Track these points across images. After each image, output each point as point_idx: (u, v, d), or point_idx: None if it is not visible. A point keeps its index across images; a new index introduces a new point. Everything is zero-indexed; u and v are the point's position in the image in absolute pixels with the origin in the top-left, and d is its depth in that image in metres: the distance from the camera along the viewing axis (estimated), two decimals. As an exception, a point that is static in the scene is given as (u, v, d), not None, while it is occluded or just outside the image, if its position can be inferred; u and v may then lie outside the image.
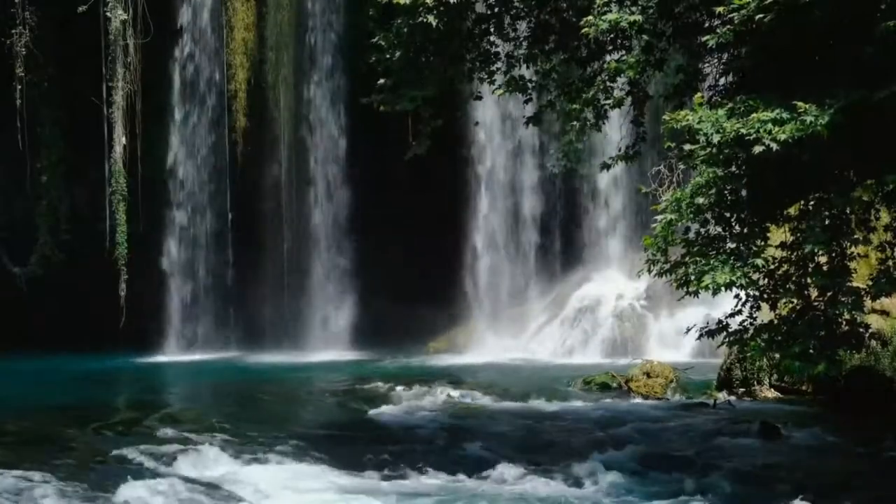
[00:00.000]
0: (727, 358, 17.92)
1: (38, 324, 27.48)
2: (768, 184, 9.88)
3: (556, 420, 16.12)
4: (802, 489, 11.20)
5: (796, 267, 10.26)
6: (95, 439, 14.32)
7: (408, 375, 21.61)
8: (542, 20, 12.98)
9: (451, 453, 13.86)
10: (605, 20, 10.72)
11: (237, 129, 29.31)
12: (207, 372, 25.37)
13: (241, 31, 29.23)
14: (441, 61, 12.72)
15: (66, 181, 29.88)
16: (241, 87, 29.29)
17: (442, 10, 11.93)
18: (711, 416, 16.13)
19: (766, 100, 9.31)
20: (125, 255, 28.30)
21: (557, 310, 27.45)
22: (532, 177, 29.00)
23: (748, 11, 9.43)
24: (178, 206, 29.78)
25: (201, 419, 16.06)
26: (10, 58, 28.06)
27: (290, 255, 29.53)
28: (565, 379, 20.25)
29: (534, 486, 12.00)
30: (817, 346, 9.88)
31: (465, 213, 28.59)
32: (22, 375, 23.54)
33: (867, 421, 15.09)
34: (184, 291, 29.74)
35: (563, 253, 28.94)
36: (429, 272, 27.47)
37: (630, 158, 12.53)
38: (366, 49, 13.02)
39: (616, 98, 11.88)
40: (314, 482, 12.27)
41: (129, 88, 28.20)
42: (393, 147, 19.68)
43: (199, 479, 12.19)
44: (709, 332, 10.87)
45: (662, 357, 21.90)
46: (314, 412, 18.07)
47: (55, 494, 11.13)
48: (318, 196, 29.36)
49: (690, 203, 9.82)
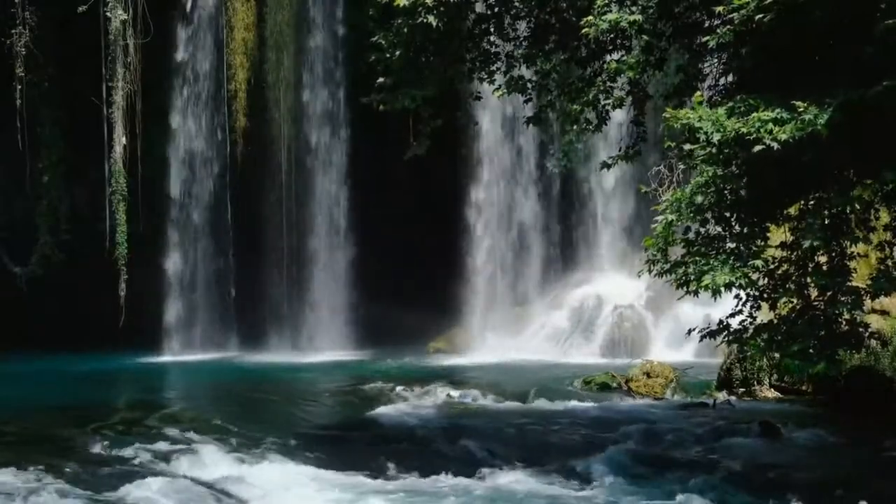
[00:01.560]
0: (727, 358, 17.92)
1: (38, 324, 27.45)
2: (768, 183, 9.88)
3: (556, 420, 16.11)
4: (802, 489, 11.21)
5: (796, 267, 10.25)
6: (95, 439, 14.29)
7: (408, 375, 21.61)
8: (542, 20, 12.98)
9: (450, 453, 13.87)
10: (605, 20, 10.72)
11: (237, 129, 29.30)
12: (207, 372, 25.36)
13: (241, 31, 29.22)
14: (441, 61, 12.73)
15: (66, 181, 29.86)
16: (241, 87, 29.28)
17: (442, 10, 11.94)
18: (711, 416, 16.12)
19: (766, 99, 9.31)
20: (125, 255, 28.28)
21: (557, 310, 27.44)
22: (532, 177, 29.00)
23: (748, 11, 9.44)
24: (178, 207, 29.78)
25: (201, 419, 16.05)
26: (10, 58, 28.03)
27: (290, 255, 29.52)
28: (565, 379, 20.24)
29: (534, 486, 12.01)
30: (817, 345, 9.88)
31: (465, 213, 28.59)
32: (22, 375, 23.54)
33: (867, 421, 15.09)
34: (184, 292, 29.73)
35: (563, 253, 28.94)
36: (429, 272, 27.46)
37: (630, 158, 12.53)
38: (366, 49, 13.02)
39: (616, 98, 11.89)
40: (314, 482, 12.27)
41: (129, 88, 28.18)
42: (393, 147, 19.68)
43: (199, 479, 12.19)
44: (710, 332, 10.87)
45: (662, 357, 21.90)
46: (314, 412, 18.05)
47: (55, 494, 11.12)
48: (317, 196, 29.35)
49: (690, 203, 9.82)
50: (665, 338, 25.04)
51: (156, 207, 29.28)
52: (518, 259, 28.99)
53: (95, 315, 27.22)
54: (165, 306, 29.46)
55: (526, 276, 28.84)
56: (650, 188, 13.48)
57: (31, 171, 29.10)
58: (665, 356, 22.28)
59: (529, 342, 26.83)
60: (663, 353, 23.54)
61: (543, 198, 29.04)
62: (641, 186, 12.83)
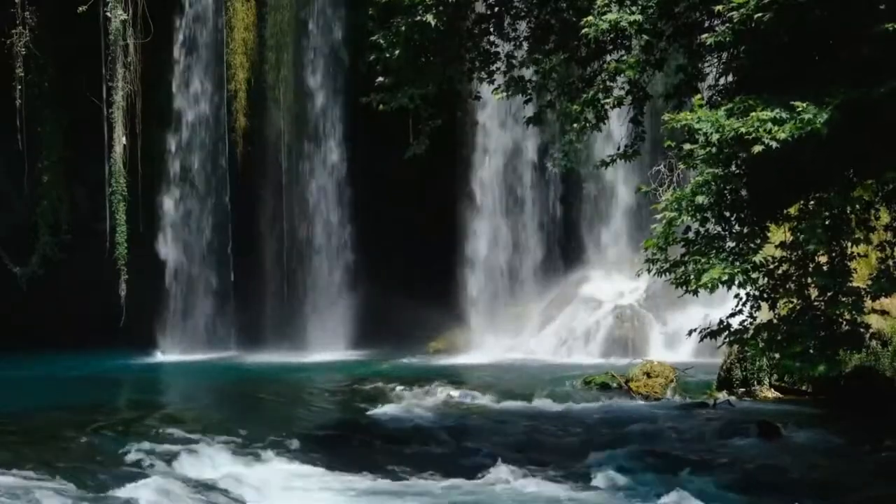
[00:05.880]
0: (727, 358, 17.92)
1: (38, 324, 27.45)
2: (768, 183, 9.87)
3: (556, 420, 16.12)
4: (802, 489, 11.22)
5: (796, 266, 10.24)
6: (95, 439, 14.31)
7: (408, 375, 21.61)
8: (542, 20, 12.97)
9: (450, 453, 13.88)
10: (605, 20, 10.71)
11: (237, 129, 29.29)
12: (207, 372, 25.37)
13: (241, 31, 29.21)
14: (440, 61, 12.71)
15: (66, 181, 29.85)
16: (241, 87, 29.26)
17: (441, 9, 11.93)
18: (711, 416, 16.13)
19: (765, 100, 9.30)
20: (125, 255, 28.26)
21: (557, 310, 27.42)
22: (532, 177, 28.99)
23: (747, 10, 9.43)
24: (178, 207, 29.77)
25: (201, 419, 16.06)
26: (10, 58, 28.03)
27: (289, 255, 29.52)
28: (565, 379, 20.24)
29: (534, 486, 12.01)
30: (817, 346, 9.86)
31: (465, 213, 28.59)
32: (21, 375, 23.52)
33: (867, 421, 15.09)
34: (184, 291, 29.72)
35: (562, 253, 28.92)
36: (429, 272, 27.46)
37: (629, 157, 12.51)
38: (365, 49, 13.01)
39: (616, 97, 11.88)
40: (314, 482, 12.29)
41: (129, 88, 28.17)
42: (393, 147, 19.67)
43: (199, 479, 12.20)
44: (710, 333, 10.86)
45: (662, 357, 21.90)
46: (314, 412, 18.06)
47: (55, 494, 11.12)
48: (317, 196, 29.35)
49: (691, 202, 9.81)
50: (665, 338, 25.03)
51: (155, 207, 29.28)
52: (518, 259, 28.98)
53: (95, 315, 27.21)
54: (165, 306, 29.45)
55: (526, 275, 28.84)
56: (650, 188, 13.44)
57: (31, 171, 29.09)
58: (665, 356, 22.28)
59: (529, 342, 26.83)
60: (663, 353, 23.53)
61: (543, 197, 29.03)
62: (641, 186, 12.81)
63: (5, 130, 27.96)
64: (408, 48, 12.22)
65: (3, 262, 29.64)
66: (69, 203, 30.11)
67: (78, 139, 28.93)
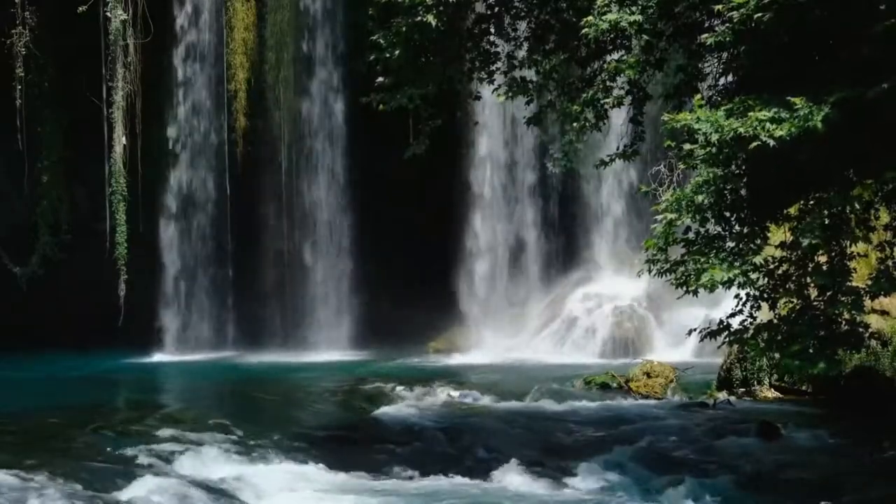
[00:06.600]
0: (727, 358, 17.92)
1: (38, 324, 27.45)
2: (768, 183, 9.87)
3: (556, 420, 16.13)
4: (802, 489, 11.22)
5: (796, 266, 10.24)
6: (95, 439, 14.28)
7: (408, 375, 21.59)
8: (542, 20, 12.97)
9: (451, 453, 13.88)
10: (605, 20, 10.71)
11: (237, 129, 29.29)
12: (207, 372, 25.36)
13: (241, 31, 29.21)
14: (440, 61, 12.71)
15: (66, 181, 29.87)
16: (241, 87, 29.27)
17: (441, 9, 11.93)
18: (711, 416, 16.13)
19: (765, 99, 9.30)
20: (125, 255, 28.27)
21: (557, 310, 27.43)
22: (532, 177, 28.99)
23: (747, 10, 9.43)
24: (178, 207, 29.77)
25: (201, 419, 16.03)
26: (10, 58, 28.04)
27: (289, 255, 29.53)
28: (565, 379, 20.22)
29: (534, 486, 12.02)
30: (817, 345, 9.86)
31: (464, 213, 28.59)
32: (22, 375, 23.52)
33: (867, 421, 15.09)
34: (184, 291, 29.72)
35: (563, 253, 28.93)
36: (429, 272, 27.47)
37: (628, 157, 12.53)
38: (365, 49, 13.01)
39: (616, 97, 11.88)
40: (314, 482, 12.28)
41: (129, 88, 28.18)
42: (393, 147, 19.66)
43: (199, 479, 12.18)
44: (710, 333, 10.86)
45: (662, 357, 21.90)
46: (314, 412, 18.05)
47: (55, 494, 11.10)
48: (317, 196, 29.35)
49: (691, 202, 9.81)
50: (665, 338, 25.05)
51: (155, 207, 29.28)
52: (518, 259, 28.99)
53: (95, 315, 27.21)
54: (165, 306, 29.46)
55: (526, 276, 28.84)
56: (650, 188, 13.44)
57: (31, 171, 29.10)
58: (665, 356, 22.28)
59: (529, 342, 26.84)
60: (663, 353, 23.54)
61: (543, 197, 29.03)
62: (641, 186, 12.82)
63: (5, 130, 27.97)
64: (408, 48, 12.23)
65: (3, 262, 29.65)
66: (69, 203, 30.13)
67: (78, 139, 28.94)
